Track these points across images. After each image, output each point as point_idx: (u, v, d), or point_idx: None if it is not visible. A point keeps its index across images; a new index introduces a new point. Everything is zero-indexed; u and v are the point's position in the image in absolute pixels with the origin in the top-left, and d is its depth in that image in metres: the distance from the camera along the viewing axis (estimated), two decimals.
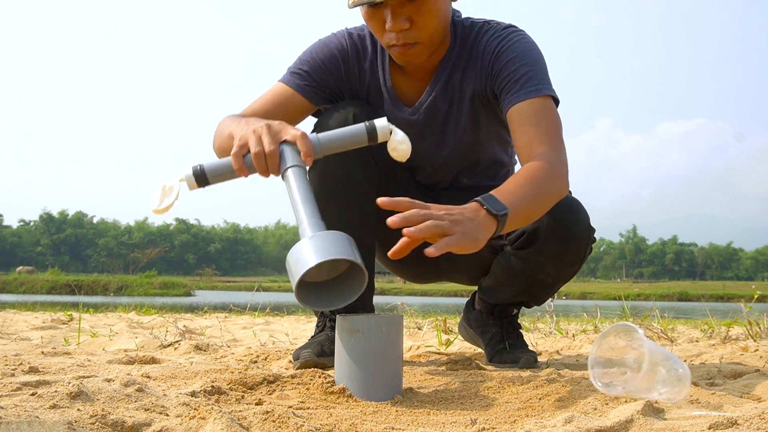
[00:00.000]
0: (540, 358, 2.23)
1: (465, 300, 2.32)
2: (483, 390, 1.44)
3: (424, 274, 2.16)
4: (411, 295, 27.49)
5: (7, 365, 1.59)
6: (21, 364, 1.61)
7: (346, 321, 1.34)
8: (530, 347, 2.31)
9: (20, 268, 40.43)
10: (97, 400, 1.12)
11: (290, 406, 1.19)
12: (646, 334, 2.99)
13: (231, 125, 1.60)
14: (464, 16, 1.84)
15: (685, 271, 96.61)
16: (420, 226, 1.23)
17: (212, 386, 1.27)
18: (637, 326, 1.31)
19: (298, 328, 3.82)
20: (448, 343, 2.71)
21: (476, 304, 2.17)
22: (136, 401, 1.13)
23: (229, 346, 2.50)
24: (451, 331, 3.26)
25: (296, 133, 1.42)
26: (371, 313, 1.87)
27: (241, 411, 1.10)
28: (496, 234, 1.38)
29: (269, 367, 1.79)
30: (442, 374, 1.71)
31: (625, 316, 3.38)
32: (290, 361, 1.91)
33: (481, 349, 2.20)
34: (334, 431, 1.04)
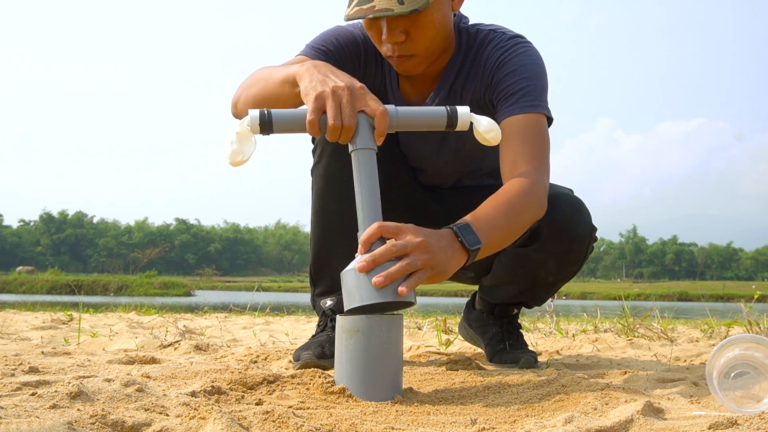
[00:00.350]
0: (540, 358, 2.23)
1: (465, 300, 2.33)
2: (483, 390, 1.44)
3: None
4: None
5: (7, 365, 1.59)
6: (21, 364, 1.61)
7: (346, 321, 1.34)
8: (530, 347, 2.31)
9: (20, 268, 40.42)
10: (97, 400, 1.12)
11: (290, 406, 1.19)
12: (647, 335, 3.00)
13: (286, 70, 1.51)
14: (471, 21, 1.82)
15: (685, 271, 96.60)
16: (391, 271, 1.26)
17: (212, 386, 1.27)
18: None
19: (298, 328, 3.82)
20: (448, 343, 2.71)
21: (477, 304, 2.17)
22: (136, 401, 1.13)
23: (229, 346, 2.50)
24: (451, 331, 3.26)
25: (377, 109, 1.37)
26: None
27: (241, 411, 1.10)
28: (465, 266, 1.40)
29: (269, 367, 1.79)
30: (442, 374, 1.71)
31: (625, 316, 3.38)
32: (290, 361, 1.91)
33: (481, 349, 2.20)
34: (334, 431, 1.04)
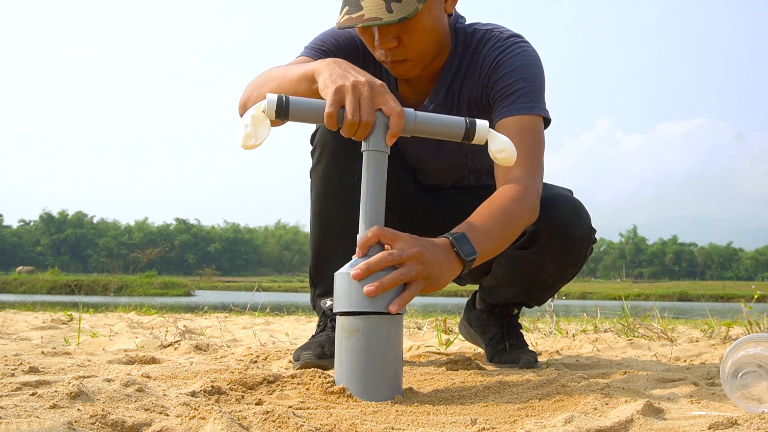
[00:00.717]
0: (540, 358, 2.23)
1: (465, 300, 2.33)
2: (483, 390, 1.44)
3: None
4: None
5: (7, 365, 1.59)
6: (21, 364, 1.61)
7: (346, 321, 1.33)
8: (530, 347, 2.31)
9: (20, 268, 40.42)
10: (97, 400, 1.11)
11: (290, 406, 1.19)
12: (647, 335, 3.00)
13: (303, 67, 1.48)
14: (469, 21, 1.82)
15: (685, 271, 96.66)
16: (384, 281, 1.27)
17: (212, 386, 1.27)
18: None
19: (298, 328, 3.82)
20: (448, 343, 2.71)
21: (477, 304, 2.17)
22: (136, 401, 1.13)
23: (229, 346, 2.50)
24: (451, 331, 3.26)
25: (394, 108, 1.34)
26: None
27: (241, 411, 1.10)
28: (459, 275, 1.41)
29: (269, 367, 1.79)
30: (442, 374, 1.71)
31: (625, 316, 3.38)
32: (290, 361, 1.91)
33: (482, 349, 2.20)
34: (334, 431, 1.04)
